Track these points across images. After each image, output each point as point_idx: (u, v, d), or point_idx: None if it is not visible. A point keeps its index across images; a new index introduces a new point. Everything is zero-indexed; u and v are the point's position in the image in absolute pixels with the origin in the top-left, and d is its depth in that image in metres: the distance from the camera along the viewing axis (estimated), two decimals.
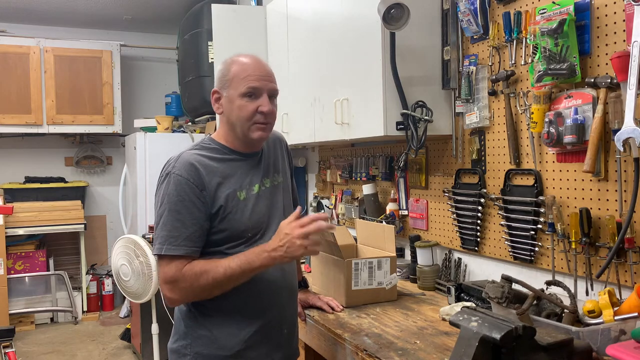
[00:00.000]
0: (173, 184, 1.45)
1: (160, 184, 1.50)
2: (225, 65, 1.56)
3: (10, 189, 5.20)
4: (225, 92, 1.54)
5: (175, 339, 1.58)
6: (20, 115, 5.16)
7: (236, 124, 1.53)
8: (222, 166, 1.53)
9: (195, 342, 1.52)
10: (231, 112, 1.53)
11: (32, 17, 5.45)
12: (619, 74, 1.46)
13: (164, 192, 1.46)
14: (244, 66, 1.53)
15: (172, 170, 1.47)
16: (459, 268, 2.24)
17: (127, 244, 3.26)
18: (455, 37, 2.15)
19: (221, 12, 3.50)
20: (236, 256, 1.44)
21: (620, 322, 1.32)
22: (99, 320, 5.22)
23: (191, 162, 1.48)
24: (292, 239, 1.40)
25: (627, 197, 1.53)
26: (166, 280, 1.44)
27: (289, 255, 1.41)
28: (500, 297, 1.47)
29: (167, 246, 1.43)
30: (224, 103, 1.55)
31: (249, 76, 1.51)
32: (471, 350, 1.08)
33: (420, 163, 2.47)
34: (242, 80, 1.51)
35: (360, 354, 1.56)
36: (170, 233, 1.43)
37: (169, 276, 1.43)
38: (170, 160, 1.52)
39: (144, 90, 6.09)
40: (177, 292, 1.44)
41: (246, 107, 1.51)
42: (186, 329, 1.55)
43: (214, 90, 1.58)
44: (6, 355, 2.99)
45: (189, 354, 1.52)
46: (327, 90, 2.55)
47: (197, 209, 1.45)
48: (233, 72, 1.52)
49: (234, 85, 1.52)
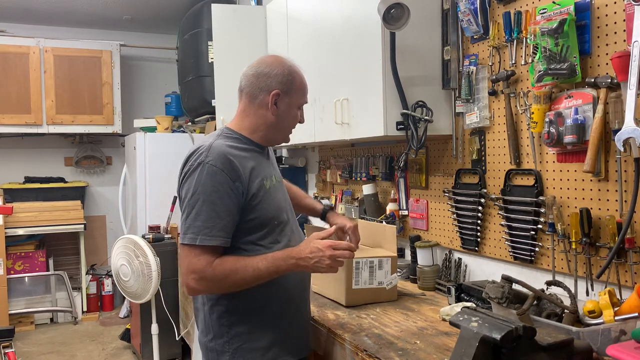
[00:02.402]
0: (207, 174, 1.46)
1: (191, 172, 1.48)
2: (289, 70, 1.61)
3: (10, 189, 5.20)
4: (288, 99, 1.61)
5: (210, 337, 1.59)
6: (20, 115, 5.16)
7: (285, 129, 1.65)
8: (249, 155, 1.57)
9: (233, 339, 1.55)
10: (286, 117, 1.62)
11: (32, 17, 5.45)
12: (619, 74, 1.45)
13: (198, 182, 1.46)
14: (304, 81, 1.66)
15: (205, 160, 1.47)
16: (459, 268, 2.24)
17: (127, 244, 3.26)
18: (455, 37, 2.15)
19: (221, 12, 3.50)
20: (264, 257, 1.48)
21: (621, 322, 1.32)
22: (99, 320, 5.22)
23: (224, 152, 1.50)
24: (323, 256, 1.49)
25: (627, 197, 1.52)
26: (194, 271, 1.44)
27: (314, 268, 1.51)
28: (500, 297, 1.47)
29: (201, 236, 1.44)
30: (283, 107, 1.60)
31: (306, 92, 1.68)
32: (471, 350, 1.08)
33: (421, 163, 2.47)
34: (304, 94, 1.66)
35: (360, 354, 1.56)
36: (205, 223, 1.44)
37: (198, 268, 1.44)
38: (200, 149, 1.51)
39: (143, 90, 6.09)
40: (204, 284, 1.46)
41: (297, 118, 1.66)
42: (220, 327, 1.56)
43: (277, 92, 1.58)
44: (6, 356, 2.99)
45: (228, 350, 1.55)
46: (327, 90, 2.55)
47: (230, 200, 1.47)
48: (298, 83, 1.63)
49: (298, 96, 1.63)
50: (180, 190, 1.53)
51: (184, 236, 1.46)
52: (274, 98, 1.58)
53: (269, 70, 1.59)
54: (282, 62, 1.62)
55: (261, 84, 1.59)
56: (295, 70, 1.63)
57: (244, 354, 1.55)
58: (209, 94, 4.36)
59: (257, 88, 1.59)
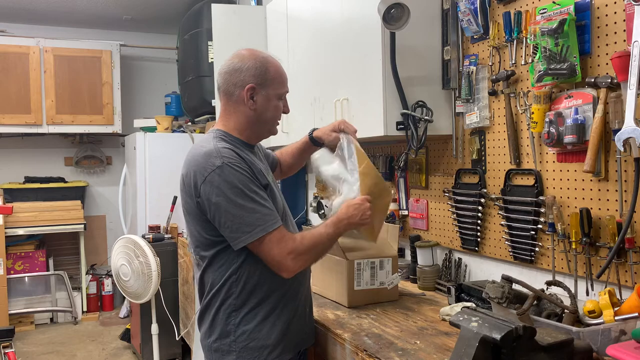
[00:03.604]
0: (231, 173, 1.46)
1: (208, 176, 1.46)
2: (261, 63, 1.58)
3: (10, 189, 5.20)
4: (264, 91, 1.59)
5: (214, 338, 1.59)
6: (20, 115, 5.16)
7: (268, 122, 1.63)
8: (249, 156, 1.58)
9: (239, 339, 1.56)
10: (266, 110, 1.61)
11: (32, 17, 5.45)
12: (619, 73, 1.45)
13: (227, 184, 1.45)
14: (280, 70, 1.63)
15: (223, 162, 1.47)
16: (459, 268, 2.24)
17: (127, 244, 3.26)
18: (455, 37, 2.15)
19: (221, 12, 3.51)
20: (324, 225, 1.57)
21: (621, 322, 1.32)
22: (99, 320, 5.22)
23: (233, 151, 1.52)
24: (365, 209, 1.61)
25: (627, 197, 1.52)
26: (290, 251, 1.48)
27: (362, 222, 1.62)
28: (500, 297, 1.47)
29: (267, 224, 1.47)
30: (260, 100, 1.59)
31: (285, 80, 1.65)
32: (471, 350, 1.08)
33: (421, 163, 2.47)
34: (282, 82, 1.63)
35: (360, 354, 1.56)
36: (260, 213, 1.46)
37: (291, 247, 1.48)
38: (208, 153, 1.49)
39: (143, 90, 6.09)
40: (301, 259, 1.50)
41: (279, 108, 1.64)
42: (225, 326, 1.57)
43: (251, 85, 1.56)
44: (6, 356, 2.99)
45: (235, 350, 1.56)
46: (327, 90, 2.55)
47: (260, 190, 1.51)
48: (274, 72, 1.60)
49: (275, 86, 1.60)
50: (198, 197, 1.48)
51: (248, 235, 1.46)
52: (249, 92, 1.57)
53: (240, 65, 1.57)
54: (254, 55, 1.59)
55: (235, 79, 1.57)
56: (269, 61, 1.60)
57: (251, 352, 1.55)
58: (209, 94, 4.36)
59: (231, 85, 1.58)
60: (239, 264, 1.54)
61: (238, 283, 1.55)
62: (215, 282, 1.57)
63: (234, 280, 1.55)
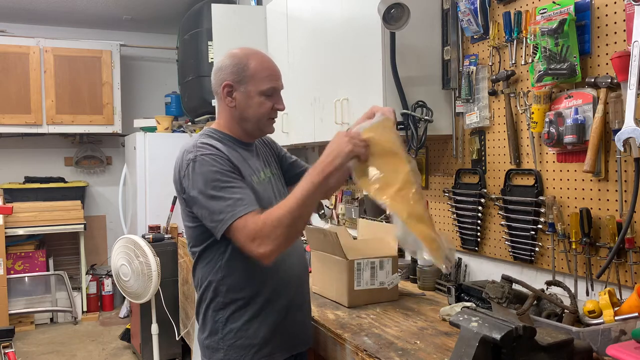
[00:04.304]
0: (203, 164, 1.44)
1: (188, 172, 1.46)
2: (240, 59, 1.56)
3: (10, 189, 5.20)
4: (243, 88, 1.55)
5: (206, 334, 1.60)
6: (20, 115, 5.16)
7: (251, 119, 1.58)
8: (233, 153, 1.55)
9: (226, 337, 1.55)
10: (247, 107, 1.56)
11: (32, 17, 5.45)
12: (619, 73, 1.46)
13: (198, 176, 1.44)
14: (264, 64, 1.57)
15: (197, 155, 1.46)
16: (459, 268, 2.24)
17: (127, 244, 3.26)
18: (455, 37, 2.15)
19: (221, 12, 3.50)
20: (300, 185, 1.37)
21: (621, 322, 1.32)
22: (99, 320, 5.22)
23: (211, 144, 1.49)
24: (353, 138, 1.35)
25: (627, 197, 1.52)
26: (251, 238, 1.36)
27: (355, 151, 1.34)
28: (500, 297, 1.47)
29: (238, 209, 1.38)
30: (239, 97, 1.56)
31: (270, 75, 1.57)
32: (471, 350, 1.08)
33: (421, 163, 2.47)
34: (265, 78, 1.55)
35: (360, 354, 1.56)
36: (231, 200, 1.40)
37: (252, 231, 1.36)
38: (186, 149, 1.50)
39: (143, 90, 6.09)
40: (268, 242, 1.35)
41: (265, 105, 1.57)
42: (214, 324, 1.57)
43: (226, 83, 1.55)
44: (6, 356, 2.99)
45: (222, 347, 1.56)
46: (327, 90, 2.55)
47: (236, 175, 1.46)
48: (253, 69, 1.55)
49: (255, 82, 1.55)
50: (184, 193, 1.50)
51: (220, 224, 1.40)
52: (225, 89, 1.56)
53: (221, 64, 1.58)
54: (238, 53, 1.58)
55: (217, 78, 1.59)
56: (252, 58, 1.56)
57: (238, 350, 1.55)
58: (209, 94, 4.35)
59: (216, 84, 1.60)
60: (225, 261, 1.54)
61: (224, 281, 1.55)
62: (204, 279, 1.58)
63: (220, 278, 1.55)
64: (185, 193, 1.49)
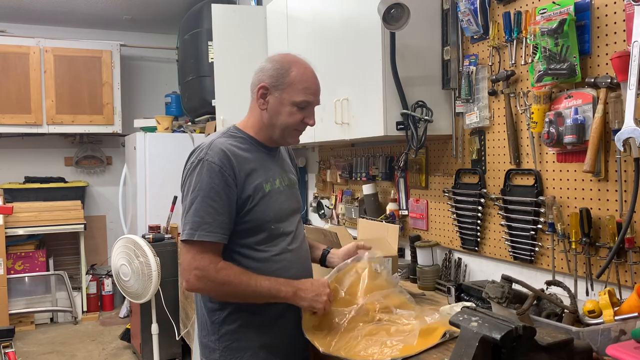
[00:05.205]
0: (207, 170, 1.46)
1: (192, 170, 1.49)
2: (283, 65, 1.55)
3: (10, 189, 5.20)
4: (278, 93, 1.54)
5: (204, 333, 1.61)
6: (20, 115, 5.16)
7: (278, 126, 1.57)
8: (250, 156, 1.55)
9: (222, 338, 1.56)
10: (278, 114, 1.55)
11: (32, 17, 5.45)
12: (619, 74, 1.46)
13: (197, 179, 1.46)
14: (305, 76, 1.57)
15: (205, 157, 1.47)
16: (459, 268, 2.24)
17: (127, 244, 3.26)
18: (455, 37, 2.15)
19: (221, 12, 3.51)
20: (267, 278, 1.48)
21: (621, 322, 1.32)
22: (99, 320, 5.22)
23: (224, 149, 1.49)
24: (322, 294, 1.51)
25: (627, 197, 1.52)
26: (197, 267, 1.44)
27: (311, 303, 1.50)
28: (500, 297, 1.47)
29: (200, 232, 1.43)
30: (272, 102, 1.55)
31: (307, 88, 1.56)
32: (471, 350, 1.08)
33: (420, 163, 2.47)
34: (301, 90, 1.55)
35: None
36: (203, 219, 1.44)
37: (202, 266, 1.43)
38: (202, 146, 1.52)
39: (144, 90, 6.09)
40: (204, 283, 1.45)
41: (295, 116, 1.56)
42: (212, 324, 1.57)
43: (263, 84, 1.55)
44: (6, 356, 2.99)
45: (218, 348, 1.56)
46: (327, 90, 2.53)
47: (228, 198, 1.47)
48: (293, 77, 1.54)
49: (291, 91, 1.54)
50: (182, 187, 1.53)
51: (182, 232, 1.47)
52: (260, 91, 1.56)
53: (264, 65, 1.57)
54: (285, 58, 1.57)
55: (255, 79, 1.58)
56: (295, 66, 1.55)
57: (233, 353, 1.55)
58: (209, 94, 4.35)
59: (253, 84, 1.59)
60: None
61: None
62: None
63: None
64: (182, 185, 1.54)
